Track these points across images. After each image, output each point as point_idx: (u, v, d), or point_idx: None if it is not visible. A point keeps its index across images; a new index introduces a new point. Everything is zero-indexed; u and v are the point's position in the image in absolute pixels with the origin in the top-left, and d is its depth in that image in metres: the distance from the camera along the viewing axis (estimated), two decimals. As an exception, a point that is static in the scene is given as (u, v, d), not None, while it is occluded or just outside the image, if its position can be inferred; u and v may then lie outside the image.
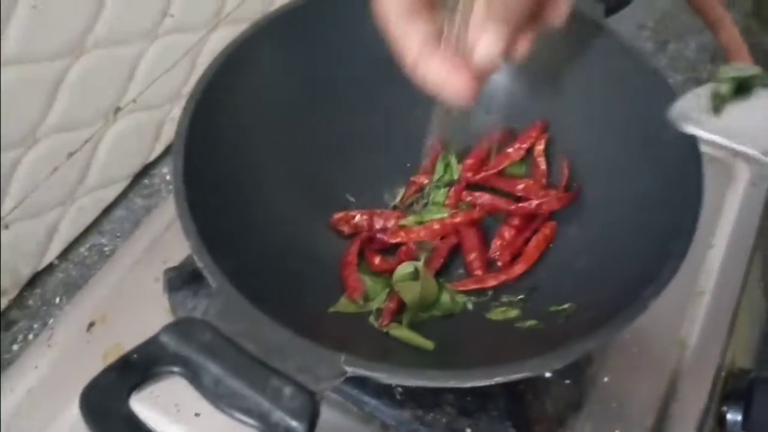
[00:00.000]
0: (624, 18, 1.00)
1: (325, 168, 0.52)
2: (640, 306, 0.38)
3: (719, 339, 0.54)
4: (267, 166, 0.49)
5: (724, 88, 0.43)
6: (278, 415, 0.34)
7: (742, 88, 0.43)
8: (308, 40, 0.51)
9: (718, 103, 0.42)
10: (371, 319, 0.46)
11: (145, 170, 0.82)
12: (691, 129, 0.41)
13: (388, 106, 0.55)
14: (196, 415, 0.48)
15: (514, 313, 0.47)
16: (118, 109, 0.75)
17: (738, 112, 0.42)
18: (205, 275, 0.38)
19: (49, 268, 0.75)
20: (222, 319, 0.36)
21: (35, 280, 0.73)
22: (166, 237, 0.57)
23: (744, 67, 0.44)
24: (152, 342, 0.35)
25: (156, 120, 0.80)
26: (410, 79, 0.54)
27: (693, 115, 0.42)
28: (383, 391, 0.47)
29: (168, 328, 0.35)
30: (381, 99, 0.55)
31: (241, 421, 0.34)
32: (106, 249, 0.77)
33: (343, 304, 0.47)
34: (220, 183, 0.45)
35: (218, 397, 0.34)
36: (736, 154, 0.64)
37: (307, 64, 0.51)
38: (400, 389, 0.48)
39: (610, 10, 0.51)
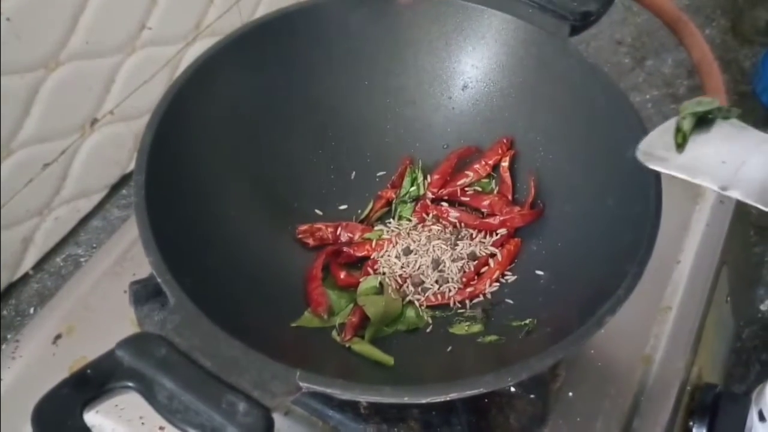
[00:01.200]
0: (601, 34, 1.02)
1: (291, 182, 0.53)
2: (596, 323, 0.39)
3: (684, 354, 0.55)
4: (231, 181, 0.49)
5: (686, 124, 0.43)
6: (232, 431, 0.34)
7: (704, 122, 0.44)
8: (275, 56, 0.52)
9: (680, 140, 0.43)
10: (334, 333, 0.47)
11: (123, 181, 0.82)
12: (654, 167, 0.42)
13: (356, 121, 0.55)
14: (161, 428, 0.48)
15: (476, 328, 0.48)
16: (94, 121, 0.76)
17: (698, 146, 0.43)
18: (163, 289, 0.38)
19: (25, 278, 0.75)
20: (178, 334, 0.36)
21: (10, 290, 0.74)
22: (136, 249, 0.57)
23: (705, 100, 0.44)
24: (107, 357, 0.35)
25: (134, 131, 0.81)
26: (378, 94, 0.56)
27: (657, 152, 0.43)
28: (348, 406, 0.48)
29: (124, 343, 0.36)
30: (349, 114, 0.55)
31: (194, 436, 0.34)
32: (82, 259, 0.78)
33: (307, 319, 0.47)
34: (183, 198, 0.45)
35: (172, 413, 0.34)
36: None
37: (272, 80, 0.52)
38: (364, 404, 0.48)
39: (575, 30, 0.52)
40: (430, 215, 0.53)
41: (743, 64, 0.99)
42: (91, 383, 0.35)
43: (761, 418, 0.61)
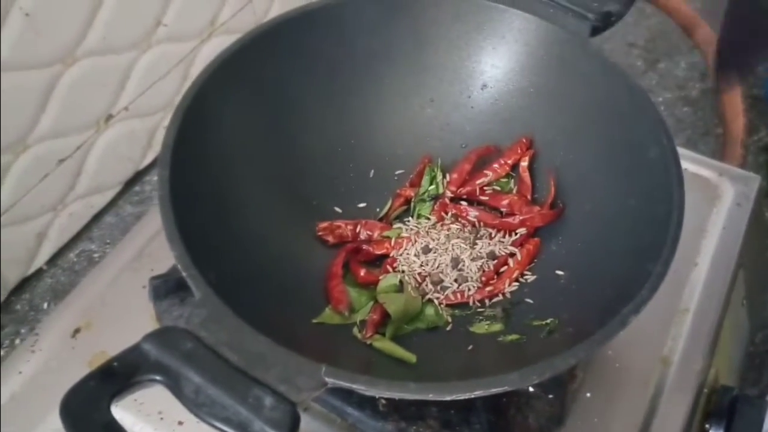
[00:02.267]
0: (614, 37, 1.02)
1: (312, 179, 0.53)
2: (620, 323, 0.39)
3: (702, 356, 0.55)
4: (254, 177, 0.49)
5: None
6: (258, 425, 0.34)
7: None
8: (296, 53, 0.52)
9: None
10: (355, 330, 0.47)
11: (137, 177, 0.82)
12: None
13: (376, 119, 0.55)
14: (180, 423, 0.48)
15: (497, 327, 0.47)
16: (109, 117, 0.76)
17: None
18: (189, 284, 0.38)
19: (38, 273, 0.75)
20: (204, 329, 0.36)
21: (24, 285, 0.74)
22: (154, 245, 0.57)
23: None
24: (134, 350, 0.35)
25: (148, 128, 0.81)
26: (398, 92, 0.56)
27: None
28: (366, 403, 0.48)
29: (150, 337, 0.36)
30: (369, 112, 0.55)
31: (220, 430, 0.34)
32: (95, 255, 0.78)
33: (328, 316, 0.47)
34: (206, 193, 0.45)
35: (198, 406, 0.34)
36: (721, 173, 0.65)
37: (293, 78, 0.52)
38: (383, 401, 0.48)
39: (596, 30, 0.52)
40: (449, 214, 0.53)
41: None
42: (117, 376, 0.35)
43: (776, 421, 0.61)
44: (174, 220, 0.40)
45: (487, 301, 0.50)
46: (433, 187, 0.55)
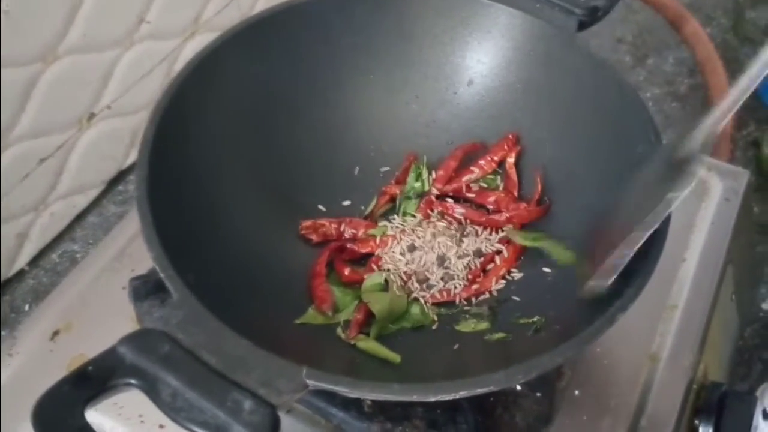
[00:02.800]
0: (602, 32, 1.01)
1: (294, 177, 0.52)
2: (607, 321, 0.38)
3: (691, 353, 0.54)
4: (235, 175, 0.48)
5: None
6: (237, 429, 0.33)
7: None
8: (279, 49, 0.51)
9: None
10: (339, 330, 0.46)
11: (120, 176, 0.81)
12: None
13: (361, 116, 0.55)
14: (161, 426, 0.48)
15: (483, 325, 0.47)
16: (92, 115, 0.75)
17: None
18: (166, 285, 0.37)
19: (20, 274, 0.74)
20: (182, 330, 0.36)
21: (4, 286, 0.73)
22: (135, 245, 0.57)
23: None
24: (109, 353, 0.35)
25: (131, 126, 0.80)
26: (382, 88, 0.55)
27: None
28: (351, 404, 0.47)
29: (126, 340, 0.35)
30: (353, 108, 0.54)
31: (199, 435, 0.33)
32: (78, 256, 0.77)
33: (311, 316, 0.46)
34: (185, 193, 0.44)
35: (175, 411, 0.34)
36: (710, 168, 0.65)
37: (276, 74, 0.51)
38: (368, 402, 0.47)
39: (583, 25, 0.51)
40: (435, 211, 0.53)
41: (744, 62, 0.99)
42: (92, 380, 0.34)
43: (765, 416, 0.61)
44: (152, 221, 0.39)
45: (473, 299, 0.49)
46: (418, 184, 0.54)
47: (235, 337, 0.36)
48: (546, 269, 0.49)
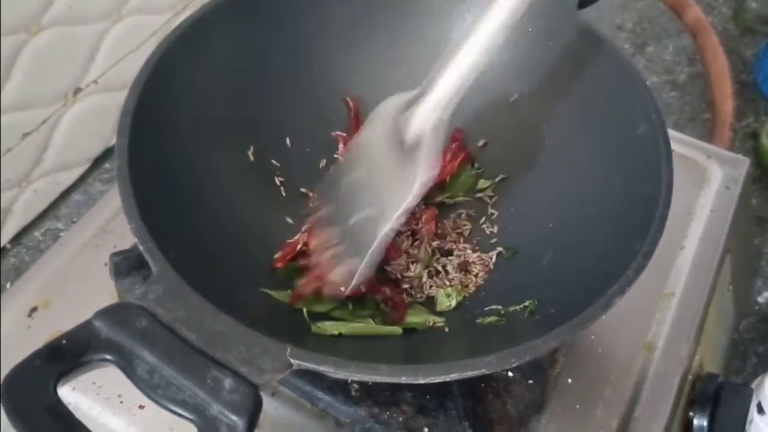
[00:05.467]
0: (602, 19, 1.00)
1: (281, 154, 0.50)
2: (604, 305, 0.37)
3: (687, 342, 0.53)
4: (220, 149, 0.47)
5: None
6: (216, 409, 0.32)
7: None
8: (268, 20, 0.49)
9: None
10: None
11: (106, 154, 0.79)
12: None
13: (353, 93, 0.53)
14: (140, 407, 0.46)
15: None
16: (78, 90, 0.73)
17: None
18: (146, 259, 0.36)
19: (1, 252, 0.72)
20: (161, 305, 0.34)
21: (-15, 264, 0.71)
22: (118, 221, 0.55)
23: None
24: (84, 327, 0.33)
25: (119, 102, 0.77)
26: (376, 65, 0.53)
27: None
28: (338, 388, 0.45)
29: (101, 313, 0.33)
30: (345, 86, 0.53)
31: (176, 414, 0.32)
32: (61, 234, 0.75)
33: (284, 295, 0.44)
34: (168, 165, 0.42)
35: (152, 388, 0.32)
36: (710, 155, 0.63)
37: (264, 47, 0.49)
38: (355, 386, 0.46)
39: (583, 3, 0.50)
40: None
41: (744, 53, 0.98)
42: (66, 355, 0.32)
43: (760, 410, 0.60)
44: (132, 191, 0.38)
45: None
46: None
47: (216, 312, 0.34)
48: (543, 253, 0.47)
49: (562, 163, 0.49)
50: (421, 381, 0.35)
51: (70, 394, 0.45)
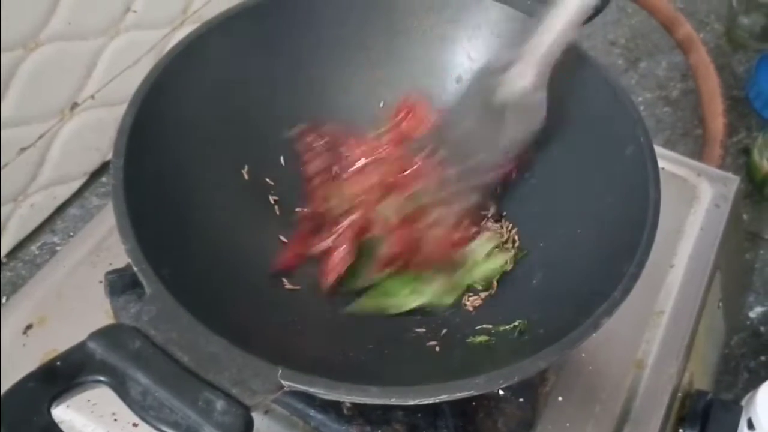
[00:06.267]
0: (595, 35, 1.00)
1: (275, 172, 0.51)
2: (592, 325, 0.37)
3: (677, 360, 0.54)
4: (214, 169, 0.47)
5: None
6: (208, 430, 0.32)
7: None
8: (263, 40, 0.50)
9: None
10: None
11: (103, 168, 0.80)
12: None
13: (346, 110, 0.54)
14: (134, 425, 0.46)
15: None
16: (75, 105, 0.73)
17: None
18: (140, 279, 0.36)
19: (-2, 266, 0.72)
20: (154, 326, 0.34)
21: (-20, 278, 0.71)
22: (114, 238, 0.55)
23: None
24: (78, 349, 0.33)
25: (116, 117, 0.78)
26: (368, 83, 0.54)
27: None
28: (330, 406, 0.46)
29: (96, 335, 0.34)
30: (338, 103, 0.53)
31: (168, 435, 0.32)
32: (58, 248, 0.75)
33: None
34: (163, 184, 0.43)
35: (145, 409, 0.32)
36: (700, 173, 0.64)
37: (259, 65, 0.50)
38: (347, 404, 0.46)
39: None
40: None
41: (736, 69, 0.98)
42: (60, 376, 0.33)
43: (750, 426, 0.60)
44: (126, 212, 0.38)
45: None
46: None
47: (209, 334, 0.34)
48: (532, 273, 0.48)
49: (551, 183, 0.50)
50: (411, 402, 0.35)
51: (65, 412, 0.46)
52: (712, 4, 1.05)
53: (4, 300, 0.70)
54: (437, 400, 0.35)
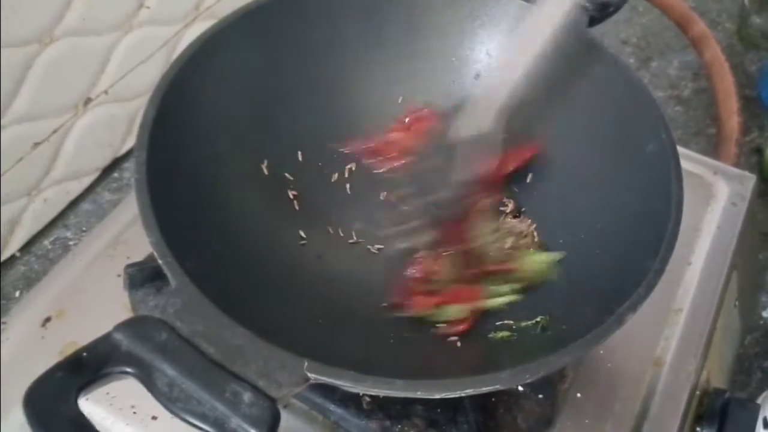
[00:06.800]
0: (607, 34, 1.00)
1: (295, 166, 0.51)
2: (616, 321, 0.37)
3: (695, 358, 0.53)
4: (235, 161, 0.47)
5: None
6: (235, 422, 0.32)
7: None
8: (283, 35, 0.50)
9: None
10: None
11: (115, 164, 0.80)
12: None
13: (364, 106, 0.53)
14: (153, 418, 0.46)
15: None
16: (88, 100, 0.73)
17: None
18: (165, 272, 0.36)
19: (11, 260, 0.73)
20: (180, 319, 0.34)
21: (-5, 272, 0.71)
22: (131, 232, 0.55)
23: None
24: (104, 340, 0.33)
25: (128, 113, 0.78)
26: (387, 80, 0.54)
27: None
28: (350, 401, 0.46)
29: (122, 326, 0.34)
30: (356, 99, 0.53)
31: (195, 426, 0.32)
32: (71, 243, 0.75)
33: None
34: (185, 177, 0.43)
35: (172, 401, 0.32)
36: (716, 171, 0.64)
37: (279, 60, 0.50)
38: (367, 399, 0.46)
39: (593, 21, 0.50)
40: None
41: (748, 68, 0.98)
42: (86, 367, 0.33)
43: (766, 425, 0.60)
44: (150, 205, 0.38)
45: None
46: None
47: (235, 326, 0.34)
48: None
49: (573, 180, 0.50)
50: (437, 396, 0.35)
51: (84, 404, 0.45)
52: (723, 4, 1.05)
53: (17, 294, 0.71)
54: (462, 394, 0.35)
